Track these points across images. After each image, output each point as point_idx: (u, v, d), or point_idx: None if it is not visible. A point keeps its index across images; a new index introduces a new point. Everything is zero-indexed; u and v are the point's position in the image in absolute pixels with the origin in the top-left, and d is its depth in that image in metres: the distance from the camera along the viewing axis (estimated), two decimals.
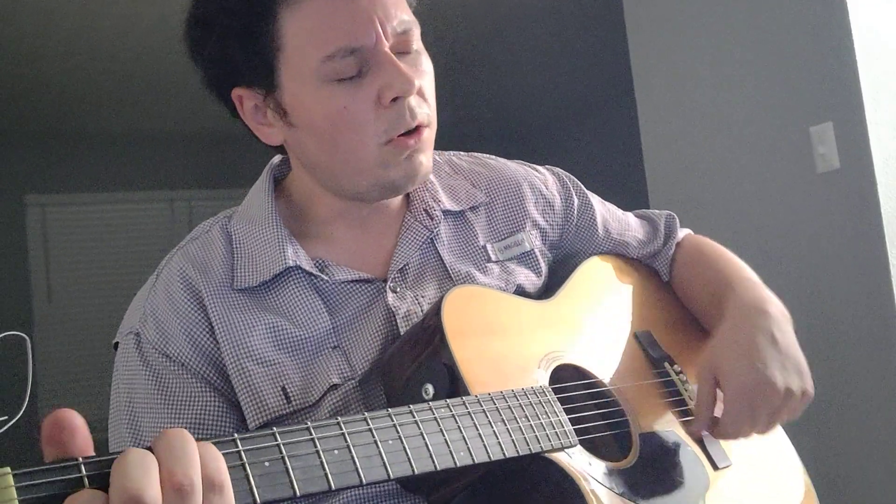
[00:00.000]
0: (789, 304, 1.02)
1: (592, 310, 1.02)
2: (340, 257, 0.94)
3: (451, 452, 0.68)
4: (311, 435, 0.60)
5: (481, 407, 0.74)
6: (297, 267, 0.90)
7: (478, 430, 0.72)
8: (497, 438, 0.73)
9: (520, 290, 0.99)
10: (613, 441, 0.90)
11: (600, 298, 1.05)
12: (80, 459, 0.50)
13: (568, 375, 0.90)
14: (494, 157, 1.12)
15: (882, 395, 2.11)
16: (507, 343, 0.88)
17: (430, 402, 0.71)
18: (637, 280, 1.11)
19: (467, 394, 0.76)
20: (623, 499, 0.80)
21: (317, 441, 0.60)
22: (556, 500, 0.77)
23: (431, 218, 0.98)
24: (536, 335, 0.92)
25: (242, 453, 0.55)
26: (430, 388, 0.78)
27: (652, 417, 0.93)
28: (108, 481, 0.50)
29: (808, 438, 1.13)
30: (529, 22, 3.80)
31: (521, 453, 0.74)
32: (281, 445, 0.58)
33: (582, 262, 1.07)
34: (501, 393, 0.77)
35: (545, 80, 4.61)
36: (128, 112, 4.40)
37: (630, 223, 1.15)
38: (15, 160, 4.57)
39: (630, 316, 1.05)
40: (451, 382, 0.78)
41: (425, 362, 0.80)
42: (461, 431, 0.70)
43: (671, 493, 0.87)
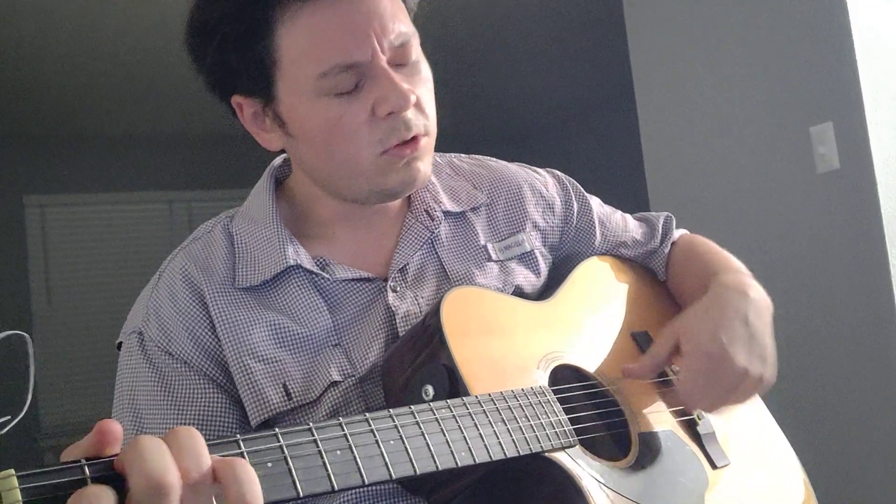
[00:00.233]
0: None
1: (590, 310, 1.02)
2: (341, 256, 0.94)
3: (452, 452, 0.68)
4: (313, 436, 0.60)
5: (482, 407, 0.74)
6: (298, 266, 0.90)
7: (478, 430, 0.72)
8: (498, 438, 0.73)
9: (518, 291, 0.99)
10: (612, 441, 0.90)
11: (598, 299, 1.06)
12: (83, 461, 0.50)
13: (567, 376, 0.90)
14: (495, 159, 1.13)
15: (882, 395, 2.11)
16: (507, 344, 0.88)
17: (430, 403, 0.71)
18: (634, 281, 1.12)
19: (467, 394, 0.76)
20: (622, 498, 0.80)
21: (319, 442, 0.60)
22: (556, 500, 0.77)
23: (432, 219, 0.98)
24: (535, 336, 0.92)
25: (245, 454, 0.55)
26: (430, 388, 0.78)
27: (650, 417, 0.93)
28: (110, 482, 0.50)
29: (807, 438, 1.13)
30: (529, 23, 3.80)
31: (521, 453, 0.74)
32: (283, 446, 0.58)
33: (580, 263, 1.08)
34: (501, 393, 0.77)
35: (545, 81, 4.61)
36: (127, 113, 4.40)
37: (628, 225, 1.16)
38: (14, 161, 4.57)
39: (627, 316, 1.05)
40: (451, 383, 0.78)
41: (425, 363, 0.81)
42: (462, 431, 0.70)
43: (670, 492, 0.87)
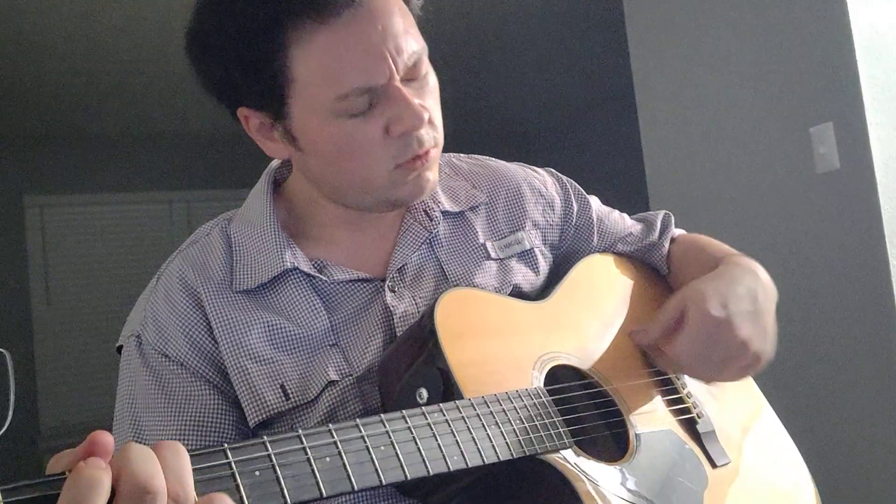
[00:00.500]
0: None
1: (588, 309, 1.02)
2: (339, 258, 0.94)
3: (444, 457, 0.68)
4: (301, 443, 0.59)
5: (475, 410, 0.74)
6: (296, 268, 0.90)
7: (471, 433, 0.71)
8: (491, 441, 0.72)
9: (516, 290, 0.99)
10: (611, 441, 0.89)
11: (595, 298, 1.05)
12: (67, 473, 0.49)
13: (564, 376, 0.90)
14: (494, 158, 1.13)
15: (882, 395, 2.10)
16: (502, 345, 0.88)
17: (423, 407, 0.71)
18: (633, 279, 1.11)
19: (461, 397, 0.76)
20: (621, 499, 0.80)
21: (308, 449, 0.59)
22: (553, 502, 0.76)
23: (430, 219, 0.98)
24: (531, 337, 0.92)
25: (232, 463, 0.55)
26: (424, 392, 0.78)
27: (649, 416, 0.93)
28: None
29: (808, 437, 1.12)
30: (529, 23, 3.79)
31: (515, 456, 0.73)
32: (272, 454, 0.57)
33: (578, 261, 1.07)
34: (495, 395, 0.77)
35: (545, 81, 4.60)
36: (127, 113, 4.40)
37: (626, 223, 1.17)
38: (14, 160, 4.57)
39: (626, 315, 1.05)
40: (445, 386, 0.77)
41: (419, 366, 0.80)
42: (454, 436, 0.70)
43: (669, 492, 0.86)
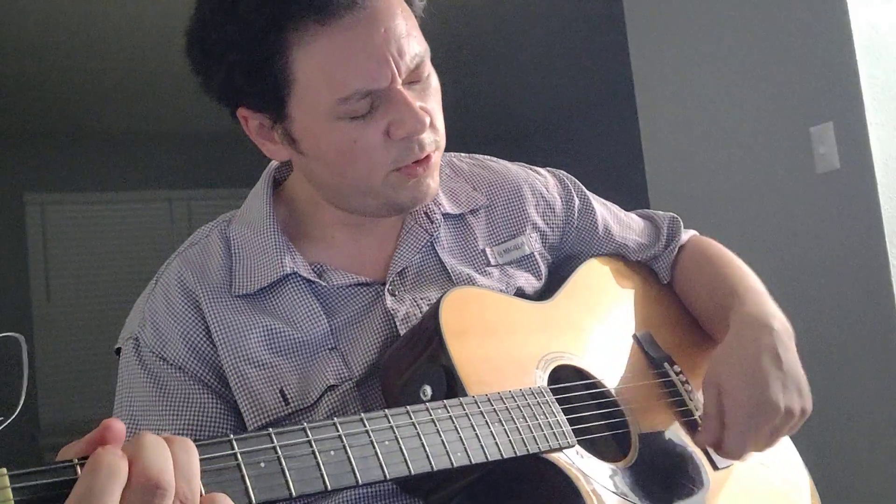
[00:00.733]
0: (789, 303, 1.02)
1: (592, 310, 1.02)
2: (339, 261, 0.94)
3: (448, 453, 0.68)
4: (307, 436, 0.59)
5: (478, 408, 0.74)
6: (295, 273, 0.90)
7: (475, 430, 0.72)
8: (494, 439, 0.72)
9: (520, 293, 0.99)
10: (613, 441, 0.89)
11: (599, 299, 1.05)
12: (76, 460, 0.50)
13: (567, 376, 0.90)
14: (495, 158, 1.12)
15: (882, 396, 2.11)
16: (506, 344, 0.88)
17: (427, 403, 0.71)
18: (636, 281, 1.11)
19: (465, 395, 0.76)
20: (622, 499, 0.80)
21: (313, 442, 0.60)
22: (554, 501, 0.77)
23: (431, 221, 0.98)
24: (535, 336, 0.92)
25: (238, 454, 0.55)
26: (428, 389, 0.78)
27: (652, 418, 0.93)
28: None
29: (809, 439, 1.12)
30: (529, 22, 3.80)
31: (518, 454, 0.74)
32: (277, 446, 0.57)
33: (581, 263, 1.07)
34: (499, 394, 0.77)
35: (545, 80, 4.60)
36: (127, 111, 4.40)
37: (632, 225, 1.14)
38: (14, 159, 4.57)
39: (629, 316, 1.05)
40: (449, 384, 0.77)
41: (423, 364, 0.80)
42: (458, 432, 0.70)
43: (671, 493, 0.86)
